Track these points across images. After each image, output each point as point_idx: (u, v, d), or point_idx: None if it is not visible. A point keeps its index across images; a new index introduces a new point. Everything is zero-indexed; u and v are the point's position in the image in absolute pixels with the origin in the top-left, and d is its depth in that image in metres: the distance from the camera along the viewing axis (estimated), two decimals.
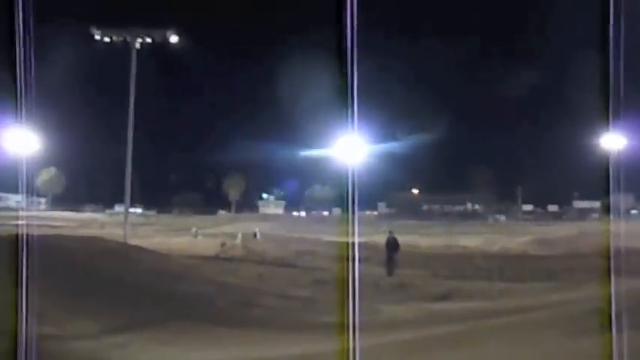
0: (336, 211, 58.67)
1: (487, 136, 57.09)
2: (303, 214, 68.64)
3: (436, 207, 66.13)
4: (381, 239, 24.18)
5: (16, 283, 8.80)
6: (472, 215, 64.50)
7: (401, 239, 24.15)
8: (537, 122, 53.48)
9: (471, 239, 37.05)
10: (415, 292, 17.76)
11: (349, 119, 9.84)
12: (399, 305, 15.06)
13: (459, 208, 66.34)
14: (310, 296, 16.27)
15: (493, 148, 57.61)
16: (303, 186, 67.68)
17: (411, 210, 62.64)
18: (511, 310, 12.37)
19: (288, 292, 16.75)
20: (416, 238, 34.63)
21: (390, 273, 21.72)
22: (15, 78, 11.34)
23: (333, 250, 23.28)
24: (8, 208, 56.43)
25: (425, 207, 65.80)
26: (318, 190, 65.79)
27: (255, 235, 31.74)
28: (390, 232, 24.09)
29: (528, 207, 63.74)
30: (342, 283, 8.79)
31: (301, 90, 43.28)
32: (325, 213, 64.56)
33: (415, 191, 65.19)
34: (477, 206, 66.59)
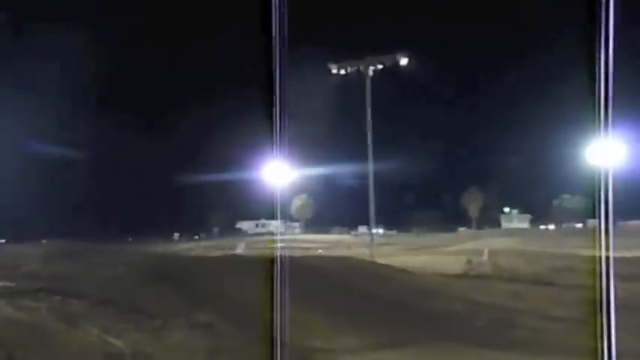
0: (592, 222, 52.39)
1: None
2: (551, 227, 62.89)
3: None
4: None
5: (276, 300, 9.48)
6: None
7: None
8: None
9: None
10: None
11: (601, 120, 8.49)
12: None
13: None
14: (577, 317, 14.44)
15: None
16: (550, 196, 62.26)
17: None
18: None
19: (550, 312, 15.16)
20: None
21: None
22: (272, 115, 12.63)
23: (596, 267, 20.54)
24: (269, 233, 63.98)
25: None
26: (568, 200, 59.64)
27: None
28: None
29: None
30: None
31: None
32: (578, 225, 58.11)
33: None
34: None
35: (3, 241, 29.81)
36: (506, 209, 69.45)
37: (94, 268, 12.84)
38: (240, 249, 30.62)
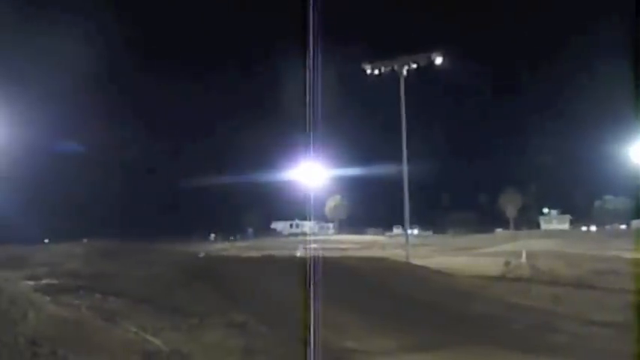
0: (636, 223, 50.54)
1: None
2: (593, 228, 61.15)
3: None
4: None
5: (310, 300, 9.47)
6: None
7: None
8: None
9: None
10: None
11: None
12: None
13: None
14: (621, 322, 13.97)
15: None
16: (591, 197, 60.46)
17: None
18: None
19: (592, 317, 14.71)
20: None
21: None
22: (305, 119, 12.67)
23: None
24: (303, 234, 64.21)
25: None
26: (611, 201, 57.86)
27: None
28: None
29: None
30: None
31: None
32: (622, 226, 56.26)
33: None
34: None
35: (47, 240, 30.82)
36: (545, 210, 67.97)
37: (131, 267, 13.10)
38: (300, 251, 30.50)
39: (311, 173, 33.51)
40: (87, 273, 12.00)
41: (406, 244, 30.27)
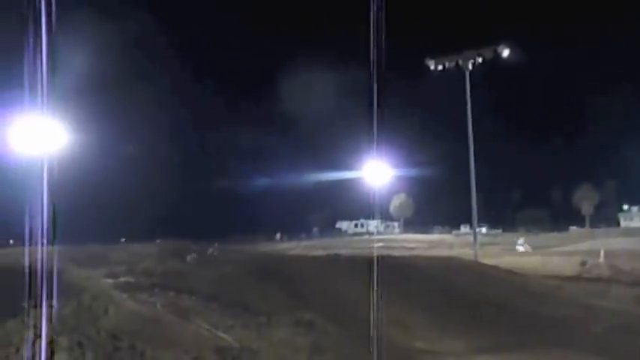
0: None
1: None
2: None
3: None
4: None
5: (375, 299, 9.37)
6: None
7: None
8: None
9: None
10: None
11: None
12: None
13: None
14: None
15: None
16: None
17: None
18: None
19: None
20: None
21: None
22: (370, 118, 12.57)
23: None
24: (368, 233, 63.97)
25: None
26: None
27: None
28: None
29: None
30: None
31: None
32: None
33: None
34: None
35: (123, 240, 32.39)
36: (625, 206, 64.18)
37: (202, 266, 13.51)
38: (366, 250, 30.40)
39: (376, 172, 33.29)
40: (161, 272, 12.48)
41: (474, 243, 29.51)
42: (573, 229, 63.83)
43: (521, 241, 35.98)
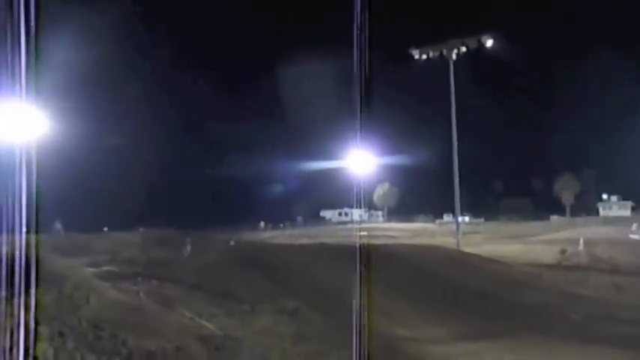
0: None
1: None
2: None
3: None
4: None
5: (358, 287, 9.43)
6: None
7: None
8: None
9: None
10: None
11: None
12: None
13: None
14: None
15: None
16: None
17: None
18: None
19: None
20: None
21: None
22: (354, 106, 12.57)
23: None
24: (352, 222, 64.14)
25: None
26: None
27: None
28: None
29: None
30: None
31: None
32: None
33: None
34: None
35: (106, 229, 32.10)
36: (605, 196, 65.17)
37: (187, 255, 13.46)
38: (349, 239, 30.30)
39: (360, 161, 33.34)
40: (144, 260, 12.41)
41: (456, 232, 29.78)
42: (554, 218, 64.68)
43: (634, 227, 35.32)
